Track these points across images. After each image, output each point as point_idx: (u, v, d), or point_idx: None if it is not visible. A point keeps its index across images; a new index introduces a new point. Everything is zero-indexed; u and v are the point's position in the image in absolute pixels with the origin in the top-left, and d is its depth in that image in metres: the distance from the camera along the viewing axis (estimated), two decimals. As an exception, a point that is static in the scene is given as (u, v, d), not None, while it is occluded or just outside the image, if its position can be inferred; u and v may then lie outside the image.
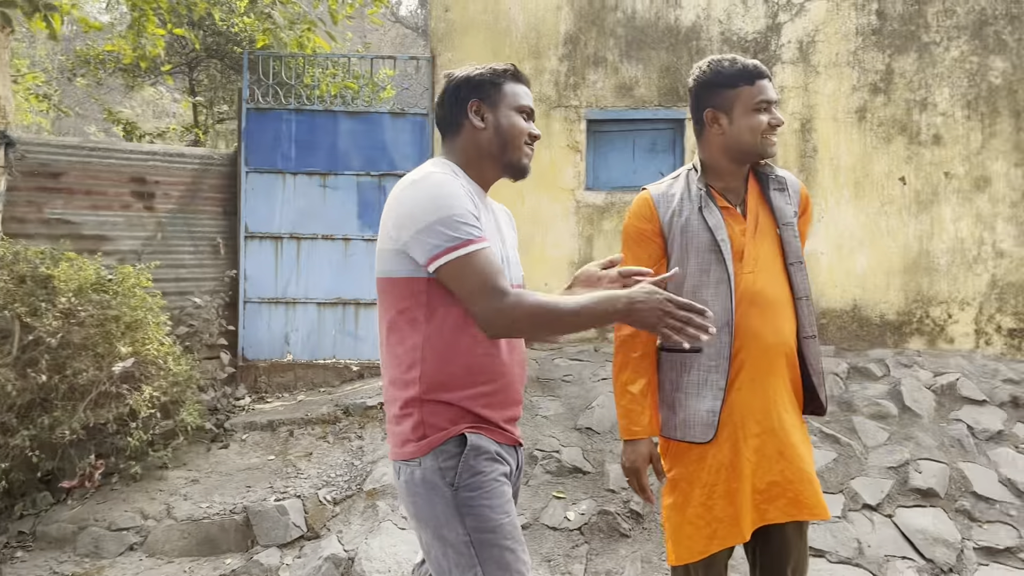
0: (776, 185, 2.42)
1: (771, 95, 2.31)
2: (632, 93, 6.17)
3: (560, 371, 5.74)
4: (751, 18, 6.11)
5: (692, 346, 2.28)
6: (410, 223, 1.87)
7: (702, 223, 2.31)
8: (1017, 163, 6.01)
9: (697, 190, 2.35)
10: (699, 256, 2.32)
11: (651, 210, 2.38)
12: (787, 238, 2.38)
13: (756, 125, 2.29)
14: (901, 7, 6.05)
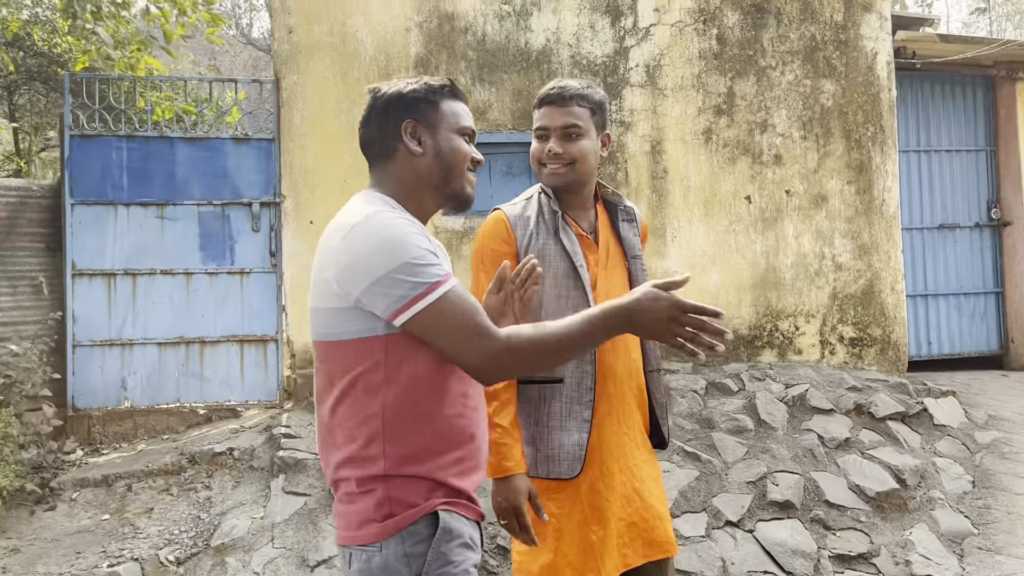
0: (625, 216, 2.40)
1: (548, 122, 2.27)
2: (486, 116, 6.10)
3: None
4: (600, 42, 6.19)
5: (553, 376, 2.21)
6: (362, 275, 1.59)
7: (560, 248, 2.24)
8: (849, 180, 6.35)
9: (552, 213, 2.28)
10: (556, 282, 2.24)
11: (508, 232, 2.28)
12: (636, 271, 2.36)
13: (532, 152, 2.32)
14: (739, 33, 6.28)
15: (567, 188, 2.30)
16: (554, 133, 2.27)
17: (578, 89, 2.29)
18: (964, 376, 6.74)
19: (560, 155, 2.25)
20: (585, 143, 2.28)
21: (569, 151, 2.26)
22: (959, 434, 5.46)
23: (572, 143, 2.26)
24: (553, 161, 2.26)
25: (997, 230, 7.28)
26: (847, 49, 6.37)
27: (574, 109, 2.28)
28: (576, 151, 2.26)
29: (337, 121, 5.96)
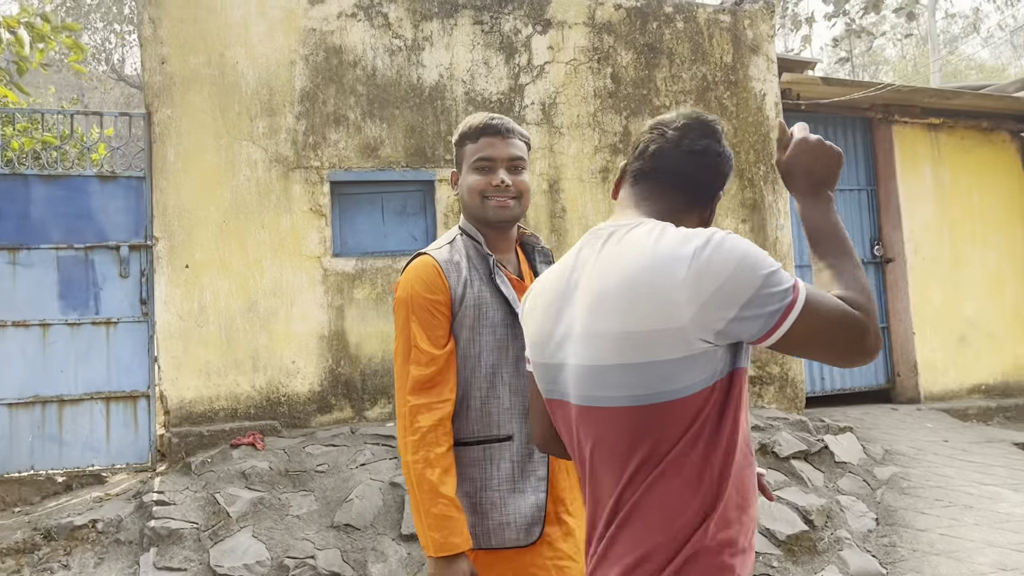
0: (543, 258, 2.28)
1: (493, 152, 2.11)
2: (378, 154, 5.82)
3: (313, 460, 5.13)
4: (494, 79, 6.04)
5: (499, 434, 2.04)
6: (725, 300, 1.29)
7: (497, 295, 2.08)
8: (744, 219, 6.39)
9: (483, 257, 2.11)
10: (494, 332, 2.07)
11: (442, 280, 2.06)
12: None
13: (473, 185, 2.11)
14: (633, 72, 6.27)
15: (505, 226, 2.14)
16: (500, 164, 2.11)
17: (514, 123, 2.20)
18: (857, 411, 6.85)
19: (509, 187, 2.10)
20: (527, 175, 2.20)
21: (516, 184, 2.12)
22: (859, 470, 5.48)
23: (518, 176, 2.14)
24: (501, 194, 2.09)
25: (881, 267, 7.50)
26: (737, 90, 6.45)
27: (516, 142, 2.16)
28: (522, 185, 2.15)
29: (216, 158, 5.55)
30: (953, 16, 28.52)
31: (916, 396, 7.20)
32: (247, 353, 5.54)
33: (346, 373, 5.68)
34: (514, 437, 2.04)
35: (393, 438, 5.38)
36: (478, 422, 2.05)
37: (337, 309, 5.68)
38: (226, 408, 5.50)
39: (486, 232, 2.14)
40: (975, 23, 28.79)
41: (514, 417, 2.05)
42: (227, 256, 5.53)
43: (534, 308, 1.58)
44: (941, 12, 26.30)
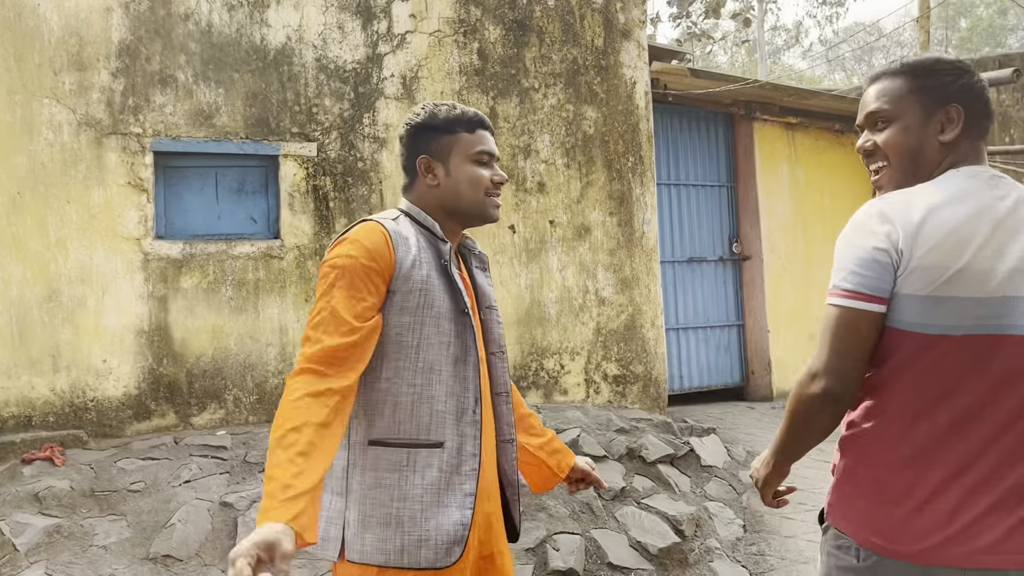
0: (478, 263, 2.10)
1: (492, 148, 1.99)
2: (212, 122, 5.07)
3: (126, 477, 4.37)
4: (349, 46, 5.42)
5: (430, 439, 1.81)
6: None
7: (447, 286, 1.86)
8: (612, 212, 6.12)
9: (438, 242, 1.90)
10: (438, 325, 1.84)
11: (389, 249, 1.81)
12: (490, 323, 2.04)
13: (477, 178, 1.94)
14: (501, 49, 5.83)
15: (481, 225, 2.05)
16: (496, 162, 2.00)
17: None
18: (715, 409, 6.78)
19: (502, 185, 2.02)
20: None
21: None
22: (725, 474, 5.33)
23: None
24: (498, 190, 1.99)
25: (738, 264, 7.49)
26: (607, 76, 6.16)
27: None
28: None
29: (9, 117, 4.63)
30: (776, 29, 30.18)
31: (769, 394, 7.24)
32: (45, 350, 4.67)
33: (169, 374, 4.92)
34: (445, 444, 1.82)
35: (226, 448, 4.70)
36: (406, 422, 1.81)
37: (160, 300, 4.90)
38: (17, 416, 4.62)
39: (445, 223, 1.96)
40: (797, 36, 30.61)
41: (447, 422, 1.82)
42: (22, 235, 4.64)
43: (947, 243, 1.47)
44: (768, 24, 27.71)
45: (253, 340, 5.09)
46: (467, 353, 1.85)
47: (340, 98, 5.36)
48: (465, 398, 1.84)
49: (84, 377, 4.75)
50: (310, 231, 5.24)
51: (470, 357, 1.85)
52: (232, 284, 5.05)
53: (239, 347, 5.06)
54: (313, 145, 5.27)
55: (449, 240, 1.95)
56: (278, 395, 5.13)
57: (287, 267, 5.18)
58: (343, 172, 5.34)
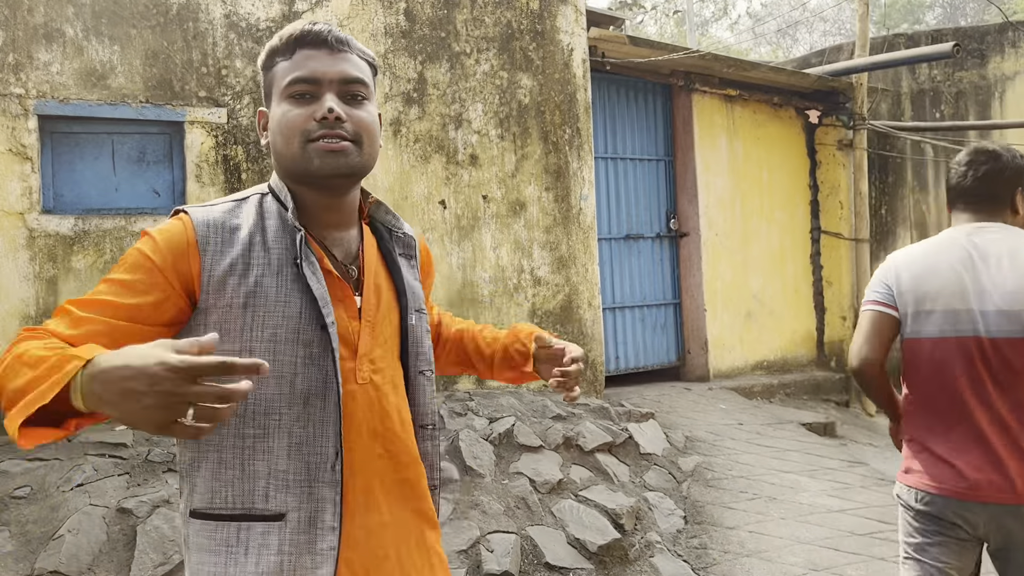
0: (402, 248, 1.57)
1: (317, 67, 1.38)
2: (107, 83, 4.55)
3: (10, 481, 3.91)
4: (263, 2, 4.93)
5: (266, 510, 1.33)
6: None
7: (293, 289, 1.35)
8: (548, 187, 5.81)
9: (288, 229, 1.39)
10: (275, 348, 1.33)
11: (190, 248, 1.33)
12: (417, 333, 1.53)
13: (285, 121, 1.38)
14: (430, 10, 5.42)
15: (340, 183, 1.41)
16: (328, 88, 1.38)
17: (349, 37, 1.45)
18: (652, 391, 6.59)
19: (342, 121, 1.37)
20: (373, 110, 1.45)
21: (354, 119, 1.39)
22: (664, 462, 5.14)
23: (358, 107, 1.41)
24: (332, 130, 1.36)
25: (676, 241, 7.29)
26: (543, 41, 5.81)
27: (353, 57, 1.43)
28: (364, 121, 1.41)
29: None
30: (704, 0, 30.24)
31: (705, 374, 7.10)
32: (-86, 339, 4.13)
33: (61, 364, 4.42)
34: (287, 516, 1.32)
35: (126, 446, 4.26)
36: (234, 485, 1.34)
37: (48, 281, 4.40)
38: None
39: (305, 195, 1.42)
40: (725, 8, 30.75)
41: (291, 485, 1.34)
42: None
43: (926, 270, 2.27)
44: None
45: (157, 325, 4.62)
46: (325, 385, 1.35)
47: (253, 59, 4.88)
48: (319, 449, 1.35)
49: (-39, 369, 4.22)
50: (220, 205, 4.78)
51: (330, 390, 1.35)
52: (132, 264, 4.56)
53: (141, 333, 4.59)
54: (223, 111, 4.80)
55: (321, 220, 1.44)
56: (186, 385, 4.69)
57: (195, 245, 4.71)
58: (256, 141, 4.88)
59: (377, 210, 1.55)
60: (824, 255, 7.99)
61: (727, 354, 7.24)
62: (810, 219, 8.00)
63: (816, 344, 8.00)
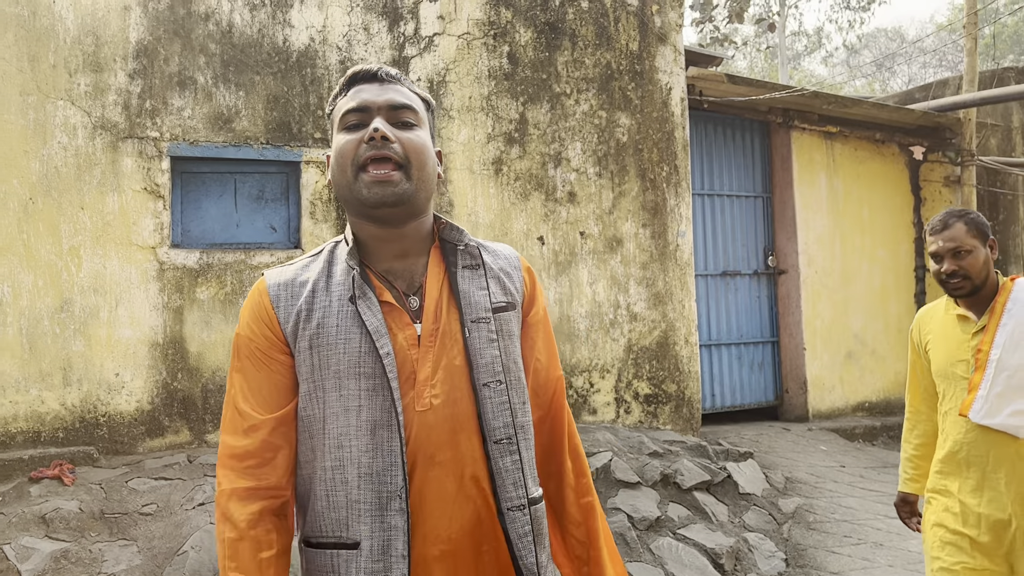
0: (467, 260, 1.50)
1: (368, 96, 1.44)
2: (232, 126, 4.87)
3: (138, 499, 4.16)
4: (375, 48, 5.20)
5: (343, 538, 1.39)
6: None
7: (352, 325, 1.40)
8: (645, 223, 5.86)
9: (347, 270, 1.43)
10: (339, 386, 1.39)
11: (268, 311, 1.45)
12: (476, 344, 1.45)
13: (338, 152, 1.43)
14: (532, 53, 5.60)
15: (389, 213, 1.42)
16: (379, 112, 1.42)
17: (400, 73, 1.52)
18: (749, 431, 6.50)
19: (390, 143, 1.39)
20: (424, 135, 1.46)
21: (403, 140, 1.41)
22: (764, 503, 5.06)
23: (408, 131, 1.43)
24: (380, 155, 1.38)
25: (773, 278, 7.21)
26: (642, 81, 5.91)
27: (401, 88, 1.48)
28: (413, 142, 1.42)
29: (22, 119, 4.44)
30: (797, 34, 29.80)
31: (804, 414, 6.95)
32: (56, 363, 4.47)
33: (184, 389, 4.71)
34: (362, 545, 1.37)
35: (240, 469, 4.48)
36: (325, 516, 1.42)
37: (175, 311, 4.70)
38: (26, 431, 4.42)
39: (365, 230, 1.46)
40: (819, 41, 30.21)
41: (364, 514, 1.38)
42: (33, 242, 4.45)
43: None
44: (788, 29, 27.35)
45: (271, 354, 4.87)
46: (388, 415, 1.38)
47: (365, 102, 5.13)
48: (388, 479, 1.37)
49: (96, 391, 4.55)
50: (332, 241, 5.02)
51: (392, 420, 1.38)
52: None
53: (256, 361, 4.84)
54: (336, 151, 5.05)
55: (384, 253, 1.47)
56: (296, 412, 4.91)
57: (307, 278, 4.95)
58: (367, 180, 5.11)
59: (444, 230, 1.53)
60: (930, 294, 7.74)
61: (827, 395, 7.07)
62: (914, 257, 7.78)
63: (921, 386, 7.72)
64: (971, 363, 2.47)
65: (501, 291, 1.51)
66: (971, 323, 2.51)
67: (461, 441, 1.41)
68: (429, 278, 1.47)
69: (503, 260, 1.56)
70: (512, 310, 1.51)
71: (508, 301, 1.51)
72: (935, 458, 2.62)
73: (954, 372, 2.53)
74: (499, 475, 1.42)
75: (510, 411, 1.45)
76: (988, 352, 2.44)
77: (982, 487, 2.45)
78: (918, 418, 2.76)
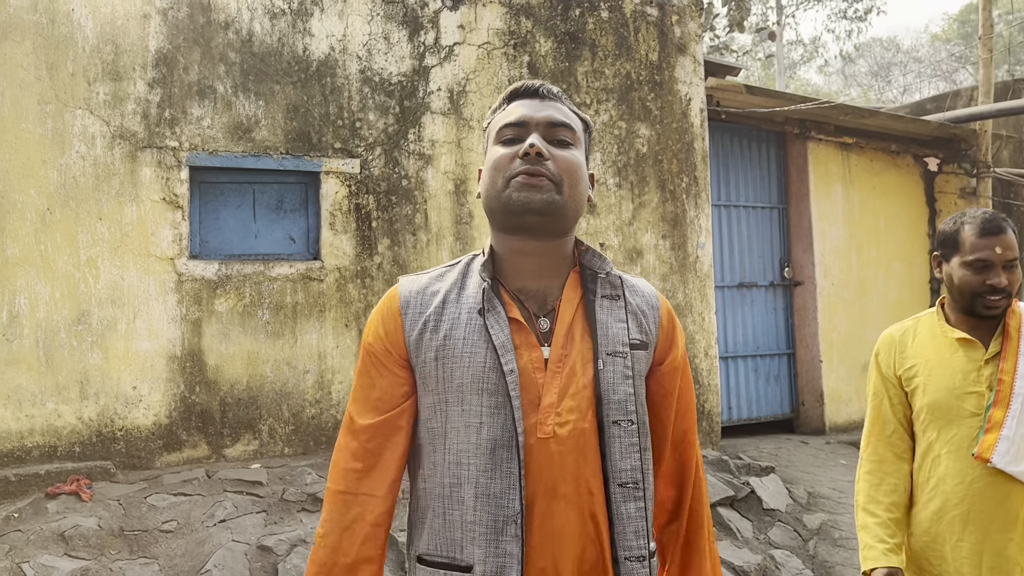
0: (608, 290, 1.44)
1: (526, 111, 1.41)
2: (251, 136, 4.80)
3: (157, 515, 4.09)
4: (395, 57, 5.15)
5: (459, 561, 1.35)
6: None
7: (479, 339, 1.37)
8: (665, 235, 5.81)
9: (479, 282, 1.41)
10: (462, 399, 1.36)
11: (396, 319, 1.44)
12: (609, 378, 1.39)
13: (492, 162, 1.41)
14: (552, 63, 5.55)
15: (535, 221, 1.37)
16: (536, 128, 1.40)
17: (561, 92, 1.50)
18: (767, 444, 6.43)
19: (544, 160, 1.36)
20: (579, 156, 1.43)
21: (559, 158, 1.39)
22: (788, 519, 5.00)
23: (563, 149, 1.41)
24: (533, 169, 1.36)
25: (790, 290, 7.16)
26: (662, 92, 5.86)
27: (562, 107, 1.45)
28: (568, 161, 1.40)
29: (40, 128, 4.38)
30: (793, 43, 29.84)
31: (821, 427, 6.89)
32: (73, 376, 4.40)
33: (202, 402, 4.63)
34: (475, 570, 1.32)
35: (261, 484, 4.41)
36: (440, 535, 1.38)
37: (193, 323, 4.63)
38: (42, 445, 4.35)
39: (505, 243, 1.43)
40: (815, 50, 30.26)
41: (478, 537, 1.33)
42: (51, 253, 4.38)
43: None
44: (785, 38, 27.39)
45: (290, 367, 4.80)
46: (509, 436, 1.33)
47: (385, 112, 5.08)
48: (506, 503, 1.32)
49: (113, 405, 4.47)
50: (351, 252, 4.96)
51: (513, 442, 1.33)
52: (269, 307, 4.77)
53: (275, 374, 4.77)
54: (356, 161, 5.00)
55: (522, 269, 1.42)
56: (315, 426, 4.84)
57: (327, 290, 4.89)
58: (387, 190, 5.06)
59: (585, 255, 1.48)
60: (945, 306, 7.69)
61: (843, 407, 7.02)
62: (929, 269, 7.73)
63: (937, 399, 7.67)
64: (986, 396, 2.03)
65: (638, 328, 1.46)
66: (978, 349, 2.08)
67: (586, 476, 1.35)
68: (563, 302, 1.42)
69: (640, 297, 1.51)
70: (644, 350, 1.45)
71: (643, 340, 1.45)
72: (914, 520, 2.14)
73: (960, 407, 2.06)
74: (620, 520, 1.36)
75: (639, 454, 1.39)
76: (1011, 384, 2.01)
77: (981, 551, 2.00)
78: (885, 469, 2.17)
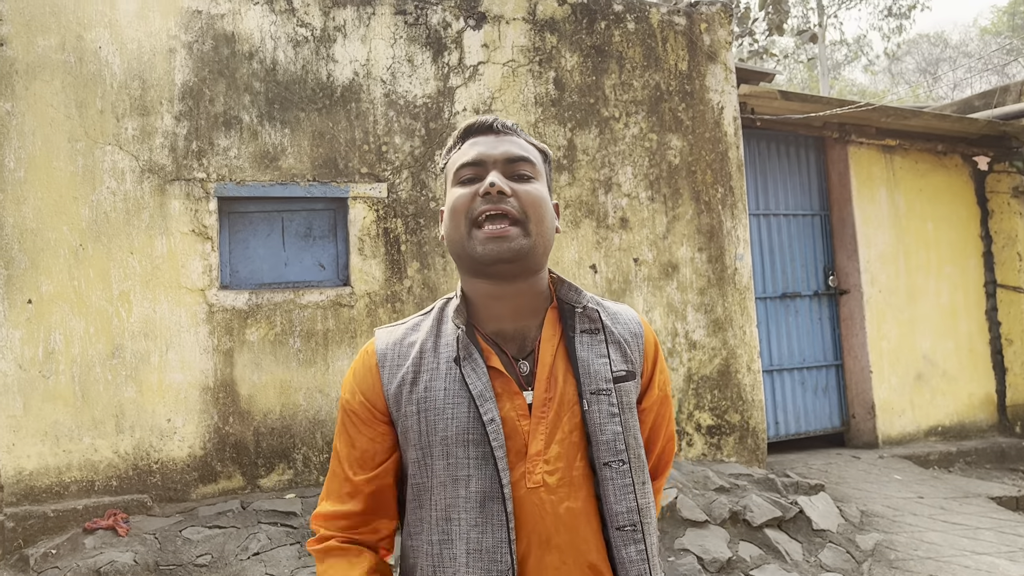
0: (586, 324, 1.39)
1: (484, 149, 1.36)
2: (278, 164, 4.81)
3: (192, 549, 4.07)
4: (419, 80, 5.12)
5: None
6: None
7: (460, 389, 1.31)
8: (701, 247, 5.66)
9: (454, 329, 1.36)
10: (446, 452, 1.31)
11: (374, 374, 1.39)
12: (595, 418, 1.33)
13: (451, 206, 1.36)
14: (579, 78, 5.46)
15: (505, 269, 1.32)
16: (494, 166, 1.35)
17: (516, 125, 1.46)
18: (817, 459, 6.21)
19: (507, 197, 1.31)
20: (542, 188, 1.38)
21: (520, 193, 1.33)
22: (840, 539, 4.79)
23: (525, 183, 1.35)
24: (496, 210, 1.31)
25: (835, 299, 6.93)
26: (693, 101, 5.73)
27: (517, 139, 1.41)
28: (531, 195, 1.34)
29: (71, 165, 4.43)
30: (837, 44, 29.27)
31: (873, 440, 6.64)
32: (109, 410, 4.42)
33: (236, 433, 4.62)
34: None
35: (295, 515, 4.37)
36: None
37: (225, 354, 4.62)
38: (80, 480, 4.37)
39: (477, 287, 1.37)
40: (860, 50, 29.66)
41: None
42: (84, 288, 4.42)
43: None
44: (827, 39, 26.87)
45: (323, 394, 4.77)
46: (490, 488, 1.28)
47: (411, 135, 5.05)
48: (498, 557, 1.26)
49: (148, 438, 4.48)
50: (381, 277, 4.92)
51: (491, 494, 1.28)
52: (300, 335, 4.75)
53: (308, 402, 4.74)
54: (383, 185, 4.97)
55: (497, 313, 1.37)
56: (349, 453, 4.78)
57: (357, 315, 4.86)
58: (415, 213, 5.02)
59: (560, 288, 1.42)
60: (1002, 311, 7.38)
61: (896, 419, 6.76)
62: (984, 272, 7.43)
63: (997, 407, 7.35)
64: None
65: (621, 358, 1.39)
66: None
67: (580, 525, 1.29)
68: (543, 342, 1.36)
69: (622, 325, 1.44)
70: (632, 379, 1.39)
71: (628, 370, 1.39)
72: None
73: None
74: (622, 566, 1.30)
75: (634, 494, 1.32)
76: None
77: None
78: None
